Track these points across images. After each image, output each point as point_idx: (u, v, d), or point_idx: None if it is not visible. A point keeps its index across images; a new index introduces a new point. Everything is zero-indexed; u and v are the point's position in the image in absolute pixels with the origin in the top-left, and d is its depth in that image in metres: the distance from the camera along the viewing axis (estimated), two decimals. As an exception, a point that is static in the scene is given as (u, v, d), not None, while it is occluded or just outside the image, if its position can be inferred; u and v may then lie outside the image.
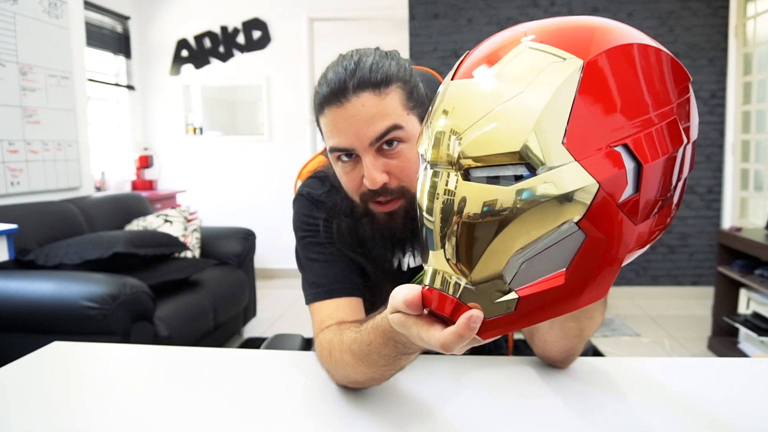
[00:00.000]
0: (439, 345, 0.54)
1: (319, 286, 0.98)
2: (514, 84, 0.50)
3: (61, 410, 0.86)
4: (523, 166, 0.48)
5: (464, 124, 0.51)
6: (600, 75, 0.49)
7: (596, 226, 0.48)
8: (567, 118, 0.47)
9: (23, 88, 3.07)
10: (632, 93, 0.50)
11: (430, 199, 0.53)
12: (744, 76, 3.95)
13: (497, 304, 0.51)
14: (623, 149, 0.48)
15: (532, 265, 0.49)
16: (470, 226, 0.50)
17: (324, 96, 0.87)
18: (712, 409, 0.83)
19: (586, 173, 0.47)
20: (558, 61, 0.49)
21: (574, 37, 0.51)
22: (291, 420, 0.83)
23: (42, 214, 2.88)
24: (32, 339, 1.42)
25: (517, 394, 0.89)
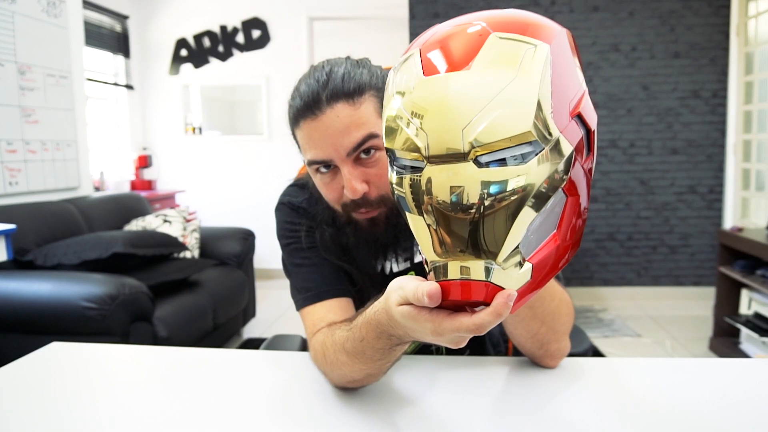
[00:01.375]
0: (475, 327, 0.55)
1: (308, 291, 0.98)
2: (503, 72, 0.53)
3: (60, 411, 0.86)
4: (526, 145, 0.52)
5: (468, 116, 0.52)
6: (559, 56, 0.55)
7: (573, 187, 0.55)
8: (550, 95, 0.53)
9: (22, 87, 3.06)
10: (571, 71, 0.57)
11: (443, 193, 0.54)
12: (745, 75, 3.95)
13: (519, 276, 0.54)
14: (577, 118, 0.56)
15: (534, 234, 0.55)
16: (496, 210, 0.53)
17: (298, 109, 0.88)
18: (713, 409, 0.83)
19: (567, 142, 0.54)
20: (531, 48, 0.54)
21: (528, 26, 0.56)
22: (291, 421, 0.82)
23: (40, 214, 2.87)
24: (31, 339, 1.43)
25: (517, 394, 0.89)
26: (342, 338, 0.80)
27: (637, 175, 4.29)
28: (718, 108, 4.15)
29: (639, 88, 4.21)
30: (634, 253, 4.35)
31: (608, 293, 4.36)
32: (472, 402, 0.86)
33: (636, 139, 4.26)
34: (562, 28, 0.59)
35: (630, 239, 4.34)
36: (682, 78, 4.17)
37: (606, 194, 4.32)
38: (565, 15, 4.21)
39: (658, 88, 4.19)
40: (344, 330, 0.80)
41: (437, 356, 1.02)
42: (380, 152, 0.87)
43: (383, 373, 0.83)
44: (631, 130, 4.26)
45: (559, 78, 0.54)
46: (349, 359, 0.79)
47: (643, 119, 4.23)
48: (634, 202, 4.31)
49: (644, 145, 4.26)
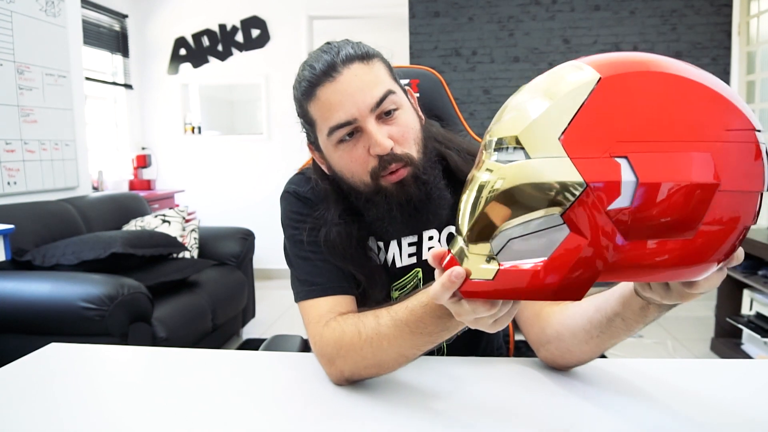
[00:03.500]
0: (433, 291, 0.64)
1: (314, 285, 0.97)
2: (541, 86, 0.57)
3: (59, 412, 0.85)
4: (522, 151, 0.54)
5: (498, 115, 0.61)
6: (616, 91, 0.52)
7: (580, 223, 0.51)
8: (571, 118, 0.52)
9: (20, 87, 3.05)
10: (647, 116, 0.52)
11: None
12: (747, 74, 3.94)
13: (482, 269, 0.58)
14: (625, 162, 0.50)
15: (518, 245, 0.55)
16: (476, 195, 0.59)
17: (312, 80, 0.90)
18: (715, 410, 0.82)
19: (575, 171, 0.51)
20: (577, 71, 0.55)
21: (609, 61, 0.56)
22: (290, 422, 0.82)
23: (39, 214, 2.86)
24: (29, 340, 1.42)
25: (519, 395, 0.89)
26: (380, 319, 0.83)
27: (638, 174, 4.27)
28: (719, 107, 4.13)
29: (640, 88, 4.19)
30: (636, 254, 4.33)
31: (609, 293, 4.34)
32: (472, 402, 0.86)
33: (637, 138, 4.24)
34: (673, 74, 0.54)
35: (631, 239, 4.32)
36: (683, 77, 4.15)
37: (607, 194, 4.30)
38: (566, 14, 4.20)
39: (659, 87, 4.17)
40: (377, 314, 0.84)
41: (438, 357, 1.02)
42: (399, 111, 0.91)
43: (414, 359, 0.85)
44: (632, 129, 4.24)
45: (601, 110, 0.52)
46: (397, 333, 0.81)
47: (644, 119, 4.21)
48: (636, 202, 4.29)
49: (645, 145, 4.24)
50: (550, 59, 4.26)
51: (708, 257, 0.53)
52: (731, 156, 0.51)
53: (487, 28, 4.27)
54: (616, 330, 0.80)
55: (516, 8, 4.25)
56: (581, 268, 0.53)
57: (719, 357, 3.08)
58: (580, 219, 0.51)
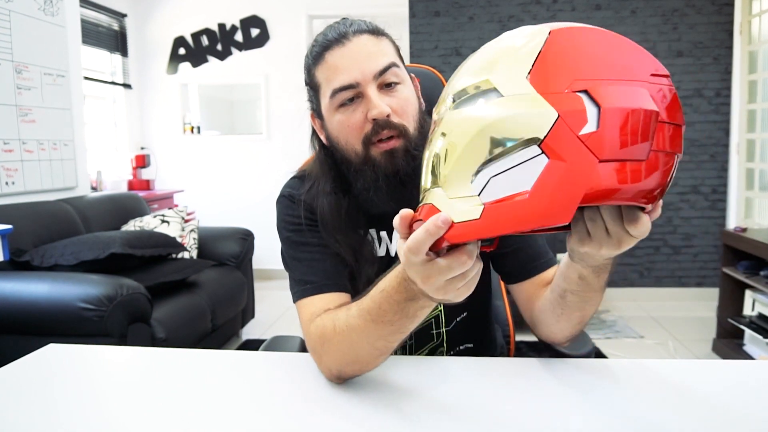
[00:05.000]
0: (411, 242, 0.62)
1: (308, 283, 1.00)
2: (500, 43, 0.64)
3: (57, 413, 0.85)
4: (494, 92, 0.59)
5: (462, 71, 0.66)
6: (565, 41, 0.60)
7: (558, 151, 0.56)
8: (533, 62, 0.59)
9: (18, 86, 3.05)
10: (595, 59, 0.60)
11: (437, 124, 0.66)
12: (749, 74, 3.93)
13: (465, 211, 0.59)
14: (585, 96, 0.57)
15: (499, 181, 0.58)
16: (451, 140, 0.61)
17: (323, 44, 0.96)
18: (716, 411, 0.83)
19: (548, 104, 0.57)
20: (526, 29, 0.63)
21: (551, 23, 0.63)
22: (290, 422, 0.82)
23: (37, 214, 2.85)
24: (28, 341, 1.43)
25: (519, 395, 0.89)
26: (350, 311, 0.84)
27: (639, 174, 4.26)
28: (721, 107, 4.13)
29: (641, 87, 4.18)
30: (637, 254, 4.33)
31: (610, 294, 4.34)
32: (473, 402, 0.86)
33: (638, 138, 4.23)
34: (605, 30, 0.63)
35: (632, 239, 4.31)
36: (685, 77, 4.15)
37: (608, 194, 4.29)
38: (567, 13, 4.19)
39: (660, 87, 4.16)
40: (349, 306, 0.85)
41: (439, 357, 1.03)
42: (401, 85, 0.96)
43: (388, 352, 0.85)
44: (633, 129, 4.23)
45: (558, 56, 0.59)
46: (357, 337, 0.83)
47: (645, 118, 4.20)
48: (637, 202, 4.28)
49: (647, 145, 4.23)
50: (550, 59, 4.24)
51: (661, 182, 0.61)
52: (660, 94, 0.60)
53: (487, 27, 4.26)
54: (572, 304, 0.89)
55: (516, 7, 4.24)
56: (564, 189, 0.57)
57: (721, 358, 3.07)
58: (557, 146, 0.56)
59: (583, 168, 0.56)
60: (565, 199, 0.57)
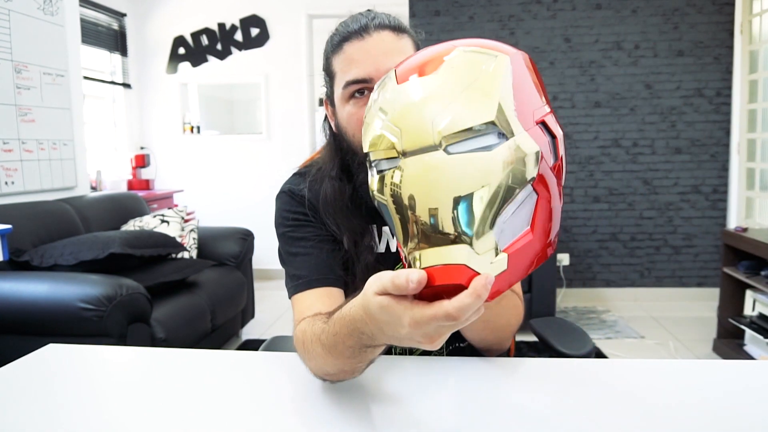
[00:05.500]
0: (455, 310, 0.54)
1: (299, 278, 1.00)
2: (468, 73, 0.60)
3: (57, 413, 0.85)
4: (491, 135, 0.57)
5: (437, 110, 0.59)
6: (518, 68, 0.61)
7: (543, 186, 0.58)
8: (512, 98, 0.58)
9: (18, 86, 3.04)
10: (535, 85, 0.63)
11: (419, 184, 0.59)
12: (750, 74, 3.93)
13: (494, 264, 0.57)
14: (542, 126, 0.60)
15: (509, 225, 0.58)
16: (471, 200, 0.57)
17: (344, 34, 0.97)
18: (717, 412, 0.83)
19: (533, 141, 0.58)
20: (493, 57, 0.61)
21: (489, 45, 0.64)
22: (290, 422, 0.82)
23: (37, 214, 2.84)
24: (27, 341, 1.43)
25: (520, 395, 0.90)
26: (319, 330, 0.81)
27: (640, 174, 4.26)
28: (722, 107, 4.13)
29: (642, 87, 4.18)
30: (637, 254, 4.32)
31: (611, 294, 4.34)
32: (473, 402, 0.86)
33: (639, 138, 4.23)
34: (520, 51, 0.65)
35: (633, 240, 4.31)
36: (685, 76, 4.14)
37: (609, 194, 4.29)
38: (567, 12, 4.19)
39: (661, 86, 4.17)
40: (322, 322, 0.81)
41: (437, 357, 1.03)
42: None
43: (358, 371, 0.82)
44: (634, 129, 4.23)
45: (521, 87, 0.60)
46: (323, 352, 0.79)
47: (646, 118, 4.21)
48: (637, 202, 4.28)
49: (647, 145, 4.23)
50: (551, 58, 4.24)
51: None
52: None
53: (487, 27, 4.25)
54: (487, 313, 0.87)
55: (517, 7, 4.23)
56: (551, 220, 0.60)
57: (721, 358, 3.07)
58: (542, 181, 0.58)
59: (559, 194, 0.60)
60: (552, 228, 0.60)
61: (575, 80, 4.24)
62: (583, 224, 4.34)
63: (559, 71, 4.25)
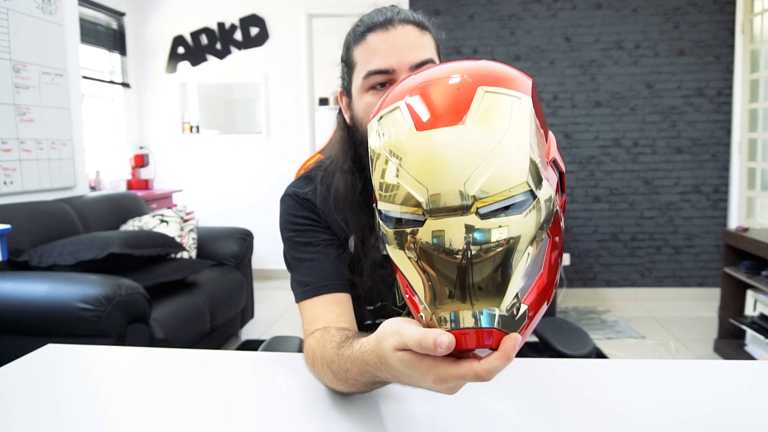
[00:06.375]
0: (484, 372, 0.55)
1: (307, 285, 1.00)
2: (496, 125, 0.56)
3: (56, 414, 0.85)
4: (522, 194, 0.55)
5: (468, 170, 0.55)
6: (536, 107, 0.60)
7: (554, 228, 0.58)
8: (536, 144, 0.57)
9: (16, 85, 3.03)
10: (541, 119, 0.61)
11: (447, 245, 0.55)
12: (751, 73, 3.92)
13: (519, 319, 0.56)
14: (553, 164, 0.60)
15: (528, 276, 0.57)
16: (498, 261, 0.55)
17: (368, 25, 0.97)
18: (718, 412, 0.83)
19: (549, 186, 0.57)
20: (517, 101, 0.57)
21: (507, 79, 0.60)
22: (289, 423, 0.82)
23: (36, 214, 2.84)
24: (26, 341, 1.44)
25: (520, 395, 0.89)
26: (329, 358, 0.81)
27: (640, 174, 4.26)
28: (723, 106, 4.12)
29: (643, 86, 4.18)
30: (638, 254, 4.32)
31: (612, 294, 4.34)
32: (472, 402, 0.86)
33: (640, 137, 4.23)
34: (529, 77, 0.62)
35: (634, 239, 4.31)
36: (686, 76, 4.14)
37: (609, 194, 4.29)
38: (567, 12, 4.18)
39: (662, 86, 4.16)
40: (334, 350, 0.81)
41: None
42: None
43: (368, 391, 0.85)
44: (634, 128, 4.23)
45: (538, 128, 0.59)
46: (333, 378, 0.81)
47: (647, 118, 4.20)
48: (638, 202, 4.28)
49: (648, 144, 4.23)
50: (551, 57, 4.24)
51: None
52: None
53: (488, 26, 4.25)
54: None
55: (517, 6, 4.23)
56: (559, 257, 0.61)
57: (722, 358, 3.06)
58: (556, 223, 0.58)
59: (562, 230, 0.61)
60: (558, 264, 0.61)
61: (576, 80, 4.24)
62: (584, 224, 4.34)
63: (559, 71, 4.24)
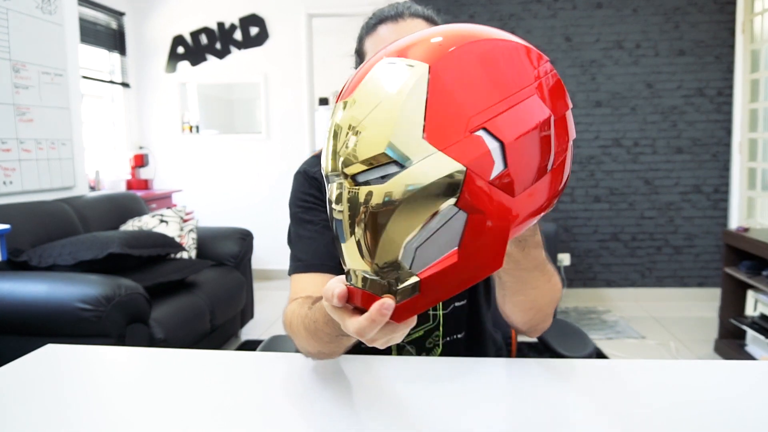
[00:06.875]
0: (354, 331, 0.58)
1: (300, 260, 1.05)
2: (375, 96, 0.57)
3: (56, 414, 0.85)
4: (393, 164, 0.54)
5: (341, 140, 0.58)
6: (447, 74, 0.56)
7: (474, 204, 0.54)
8: (423, 116, 0.54)
9: (16, 85, 3.03)
10: (482, 84, 0.56)
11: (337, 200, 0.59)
12: (751, 73, 3.92)
13: (402, 289, 0.56)
14: (484, 132, 0.55)
15: (425, 249, 0.55)
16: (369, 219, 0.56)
17: (379, 17, 1.03)
18: (718, 412, 0.83)
19: (452, 160, 0.54)
20: (408, 69, 0.57)
21: (423, 47, 0.58)
22: (289, 423, 0.82)
23: (35, 214, 2.83)
24: (25, 341, 1.43)
25: (520, 395, 0.90)
26: (303, 314, 0.87)
27: (641, 174, 4.25)
28: (723, 106, 4.12)
29: (643, 86, 4.18)
30: (638, 254, 4.31)
31: (612, 294, 4.33)
32: (473, 403, 0.86)
33: (640, 137, 4.23)
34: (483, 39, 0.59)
35: (634, 239, 4.30)
36: (686, 76, 4.13)
37: (610, 194, 4.29)
38: (568, 12, 4.18)
39: (662, 86, 4.16)
40: (308, 307, 0.86)
41: (440, 358, 1.04)
42: None
43: (336, 354, 0.92)
44: (635, 128, 4.22)
45: (445, 97, 0.55)
46: (306, 335, 0.87)
47: (647, 118, 4.20)
48: (638, 202, 4.27)
49: (648, 144, 4.22)
50: (551, 57, 4.22)
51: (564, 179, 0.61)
52: (547, 88, 0.59)
53: (488, 25, 4.23)
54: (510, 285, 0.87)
55: (517, 6, 4.22)
56: (490, 239, 0.57)
57: (723, 358, 3.06)
58: (472, 199, 0.54)
59: (502, 211, 0.56)
60: (492, 247, 0.57)
61: (576, 79, 4.24)
62: (584, 224, 4.33)
63: (559, 70, 4.22)
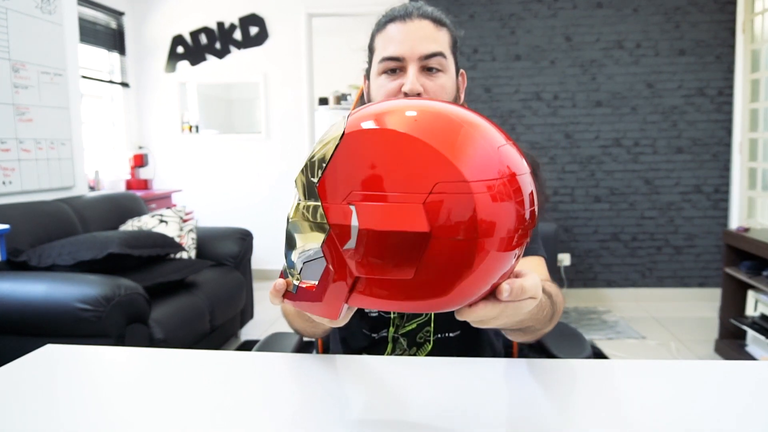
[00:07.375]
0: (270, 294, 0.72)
1: None
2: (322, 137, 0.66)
3: (55, 414, 0.85)
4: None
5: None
6: (355, 146, 0.61)
7: (329, 257, 0.63)
8: (324, 168, 0.62)
9: (15, 85, 3.02)
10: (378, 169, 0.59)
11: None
12: (752, 73, 3.92)
13: (294, 284, 0.69)
14: (353, 208, 0.59)
15: (307, 268, 0.66)
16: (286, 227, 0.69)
17: (389, 16, 1.07)
18: (718, 413, 0.82)
19: (323, 213, 0.62)
20: (337, 125, 0.63)
21: (360, 116, 0.63)
22: (289, 423, 0.82)
23: (35, 214, 2.83)
24: (25, 341, 1.43)
25: (521, 395, 0.89)
26: None
27: (641, 174, 4.25)
28: (723, 106, 4.12)
29: (643, 86, 4.18)
30: (639, 254, 4.31)
31: (612, 294, 4.33)
32: (472, 403, 0.86)
33: (640, 137, 4.22)
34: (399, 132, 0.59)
35: (634, 240, 4.30)
36: (687, 76, 4.13)
37: (610, 194, 4.28)
38: (568, 11, 4.18)
39: (662, 85, 4.16)
40: None
41: (440, 358, 1.04)
42: (442, 74, 1.06)
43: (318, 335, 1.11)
44: (635, 128, 4.22)
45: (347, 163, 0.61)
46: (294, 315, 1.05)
47: (647, 117, 4.20)
48: (639, 202, 4.27)
49: (649, 144, 4.22)
50: (551, 57, 4.23)
51: (432, 295, 0.59)
52: (442, 206, 0.56)
53: (488, 25, 4.24)
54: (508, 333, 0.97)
55: (517, 5, 4.22)
56: (333, 293, 0.64)
57: (723, 359, 3.06)
58: (328, 253, 0.62)
59: (347, 279, 0.62)
60: (332, 301, 0.64)
61: (576, 79, 4.23)
62: (584, 224, 4.33)
63: (560, 70, 4.24)
